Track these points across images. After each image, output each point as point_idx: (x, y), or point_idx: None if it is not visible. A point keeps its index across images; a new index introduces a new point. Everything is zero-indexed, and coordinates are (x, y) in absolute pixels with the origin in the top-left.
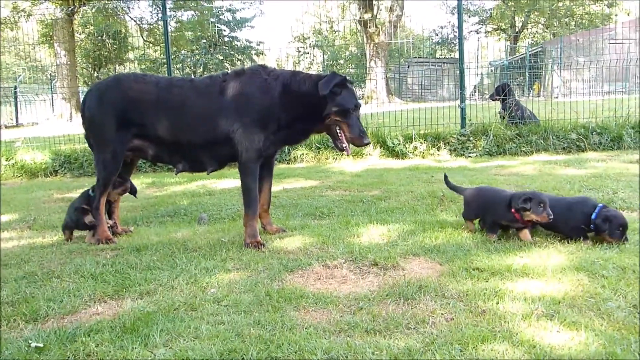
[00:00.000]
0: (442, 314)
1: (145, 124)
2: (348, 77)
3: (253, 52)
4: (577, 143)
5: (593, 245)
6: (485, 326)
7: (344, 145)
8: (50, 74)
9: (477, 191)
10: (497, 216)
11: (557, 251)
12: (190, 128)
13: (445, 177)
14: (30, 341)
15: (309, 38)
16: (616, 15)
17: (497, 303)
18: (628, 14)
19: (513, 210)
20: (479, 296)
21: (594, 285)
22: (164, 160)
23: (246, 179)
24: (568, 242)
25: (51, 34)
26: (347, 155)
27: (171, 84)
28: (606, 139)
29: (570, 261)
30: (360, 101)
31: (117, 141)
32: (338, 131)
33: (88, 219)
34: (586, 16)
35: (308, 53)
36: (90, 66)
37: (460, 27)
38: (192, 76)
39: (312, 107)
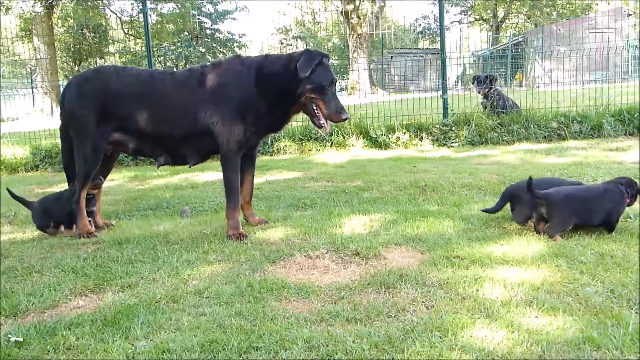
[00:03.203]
0: (422, 301)
1: (126, 116)
2: (324, 52)
3: (235, 44)
4: (558, 132)
5: (572, 231)
6: (465, 313)
7: (321, 122)
8: (30, 68)
9: (570, 193)
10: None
11: (537, 238)
12: (170, 121)
13: (529, 180)
14: (10, 336)
15: (291, 30)
16: (597, 4)
17: (477, 290)
18: (609, 4)
19: None
20: (459, 283)
21: (573, 271)
22: (146, 153)
23: (227, 171)
24: None
25: (30, 28)
26: (326, 133)
27: (152, 76)
28: (586, 128)
29: (549, 248)
30: (344, 92)
31: (97, 135)
32: (314, 109)
33: None
34: (567, 6)
35: (291, 45)
36: (70, 60)
37: (441, 17)
38: (175, 69)
39: (285, 88)
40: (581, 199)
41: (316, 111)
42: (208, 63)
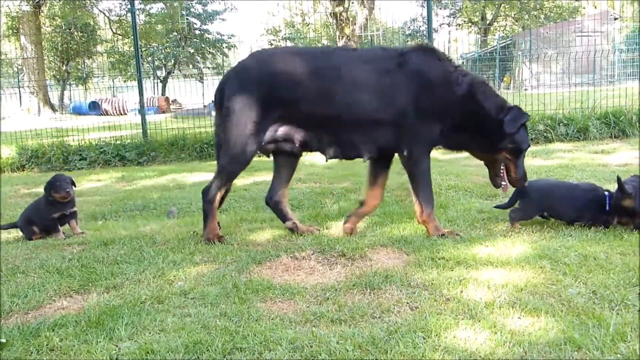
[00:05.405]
0: (407, 302)
1: (295, 101)
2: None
3: (224, 45)
4: (545, 134)
5: (556, 233)
6: (449, 314)
7: (503, 183)
8: (17, 68)
9: None
10: None
11: (522, 240)
12: (350, 104)
13: (619, 179)
14: None
15: (281, 31)
16: (584, 8)
17: (462, 291)
18: (595, 7)
19: None
20: (444, 285)
21: (556, 273)
22: (313, 146)
23: (420, 172)
24: (533, 232)
25: (17, 26)
26: (504, 192)
27: (329, 53)
28: (572, 130)
29: (534, 249)
30: None
31: (254, 132)
32: (502, 168)
33: None
34: (555, 9)
35: (280, 46)
36: (58, 59)
37: (429, 19)
38: (163, 70)
39: (483, 128)
40: None
41: (502, 171)
42: (409, 45)
